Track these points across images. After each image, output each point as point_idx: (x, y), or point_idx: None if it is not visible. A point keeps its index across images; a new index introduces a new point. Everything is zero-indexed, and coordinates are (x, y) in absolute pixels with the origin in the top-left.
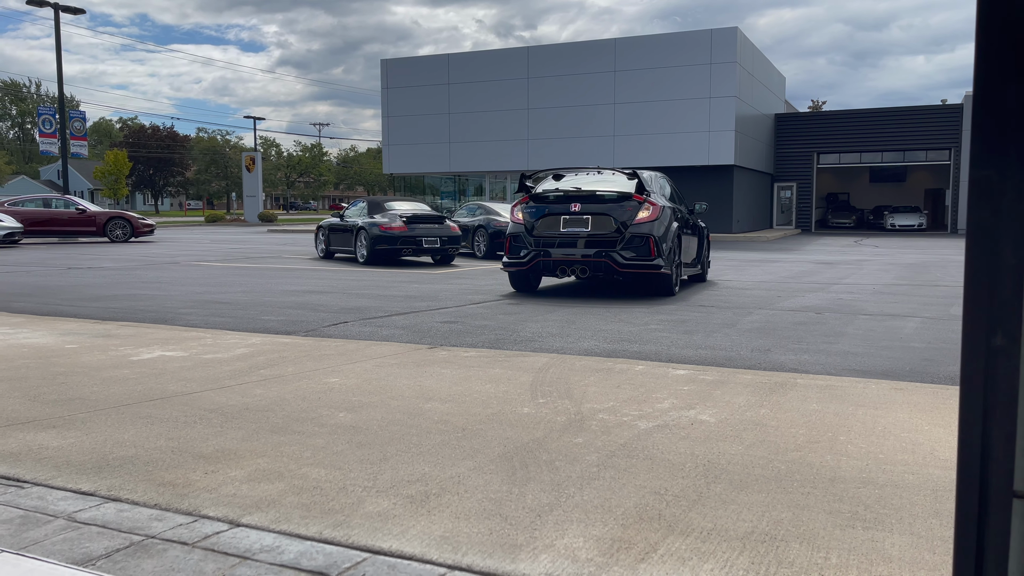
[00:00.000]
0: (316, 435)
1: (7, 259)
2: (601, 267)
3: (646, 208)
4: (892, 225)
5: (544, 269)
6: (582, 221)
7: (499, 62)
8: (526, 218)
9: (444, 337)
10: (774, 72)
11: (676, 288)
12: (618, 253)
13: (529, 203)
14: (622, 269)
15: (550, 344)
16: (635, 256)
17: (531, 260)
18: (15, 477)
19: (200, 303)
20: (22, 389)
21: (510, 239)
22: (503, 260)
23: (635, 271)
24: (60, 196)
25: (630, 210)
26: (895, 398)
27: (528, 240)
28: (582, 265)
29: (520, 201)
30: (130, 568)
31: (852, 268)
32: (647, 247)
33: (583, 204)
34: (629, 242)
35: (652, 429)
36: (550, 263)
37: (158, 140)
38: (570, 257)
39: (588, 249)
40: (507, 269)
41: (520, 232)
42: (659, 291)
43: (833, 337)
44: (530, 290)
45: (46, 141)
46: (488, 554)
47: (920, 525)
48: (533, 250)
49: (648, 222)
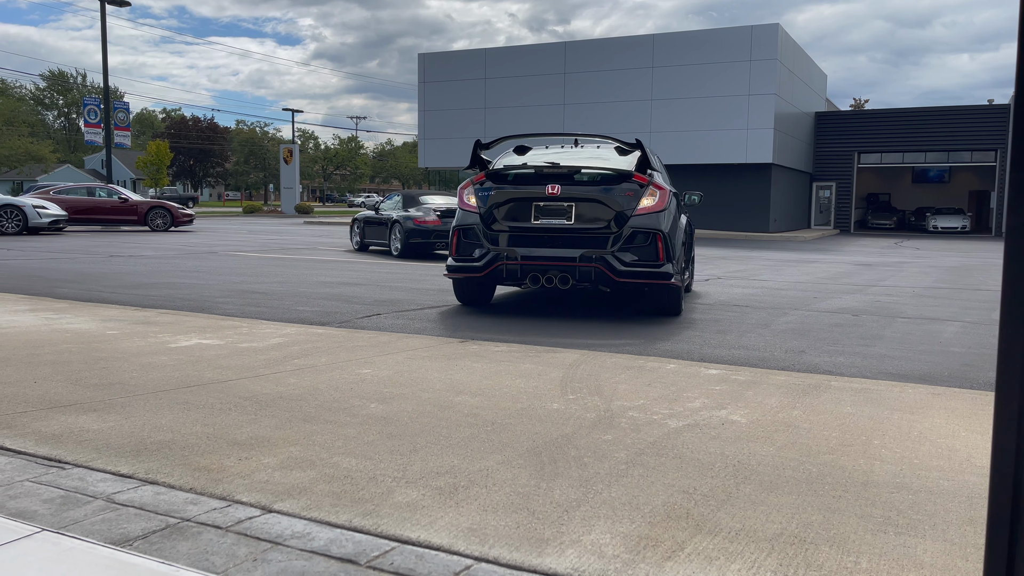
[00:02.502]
0: (348, 425)
1: (52, 246)
2: (590, 275)
3: (651, 193)
4: (934, 227)
5: (508, 277)
6: (562, 210)
7: (536, 57)
8: (482, 204)
9: (476, 331)
10: (815, 70)
11: (682, 305)
12: (614, 255)
13: (486, 183)
14: (620, 279)
15: (581, 340)
16: (638, 260)
17: (489, 264)
18: (57, 458)
19: (237, 293)
20: (65, 373)
21: (458, 234)
22: (448, 262)
23: (637, 281)
24: (103, 185)
25: (629, 195)
26: (932, 403)
27: (485, 235)
28: (562, 272)
29: (473, 181)
30: (166, 550)
31: (891, 270)
32: (654, 248)
33: (564, 186)
34: (629, 240)
35: (682, 428)
36: (516, 268)
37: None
38: (546, 260)
39: (571, 249)
40: (452, 275)
41: (473, 224)
42: (664, 308)
43: (870, 340)
44: (484, 303)
45: (91, 131)
46: (515, 547)
47: (954, 532)
48: (491, 249)
49: (654, 213)
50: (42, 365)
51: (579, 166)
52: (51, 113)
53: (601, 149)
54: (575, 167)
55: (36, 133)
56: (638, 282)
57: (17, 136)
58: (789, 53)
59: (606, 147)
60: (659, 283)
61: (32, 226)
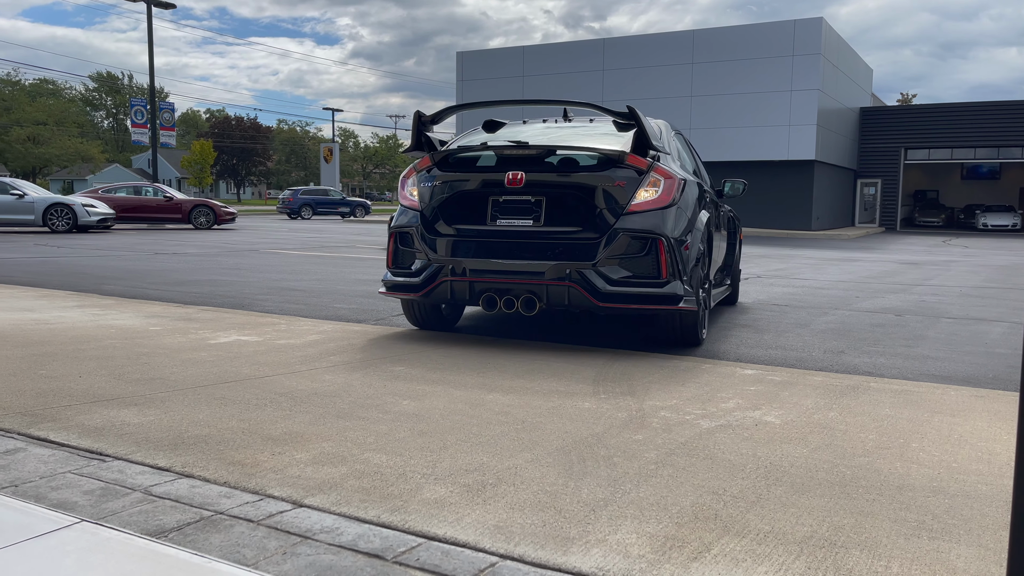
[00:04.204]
0: (380, 421)
1: (100, 243)
2: (563, 296)
3: (652, 183)
4: (984, 225)
5: (455, 297)
6: (528, 206)
7: (574, 54)
8: (424, 199)
9: (509, 328)
10: (860, 64)
11: (704, 332)
12: (596, 270)
13: (432, 171)
14: (604, 303)
15: (614, 339)
16: (631, 277)
17: (429, 280)
18: (98, 451)
19: (276, 290)
20: (108, 368)
21: (394, 239)
22: (384, 276)
23: (630, 307)
24: (149, 184)
25: (620, 186)
26: (974, 405)
27: (424, 240)
28: (527, 292)
29: (416, 167)
30: (199, 542)
31: (938, 269)
32: (653, 259)
33: (530, 173)
34: (619, 248)
35: (715, 428)
36: (465, 287)
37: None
38: (503, 277)
39: (539, 261)
40: (390, 293)
41: (412, 226)
42: (673, 338)
43: (912, 340)
44: (447, 327)
45: (138, 131)
46: (540, 545)
47: (989, 537)
48: (433, 260)
49: (655, 210)
50: (87, 360)
51: (553, 146)
52: (100, 113)
53: (596, 124)
54: (547, 147)
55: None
56: (631, 308)
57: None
58: (833, 48)
59: (602, 121)
60: (661, 308)
61: (81, 224)
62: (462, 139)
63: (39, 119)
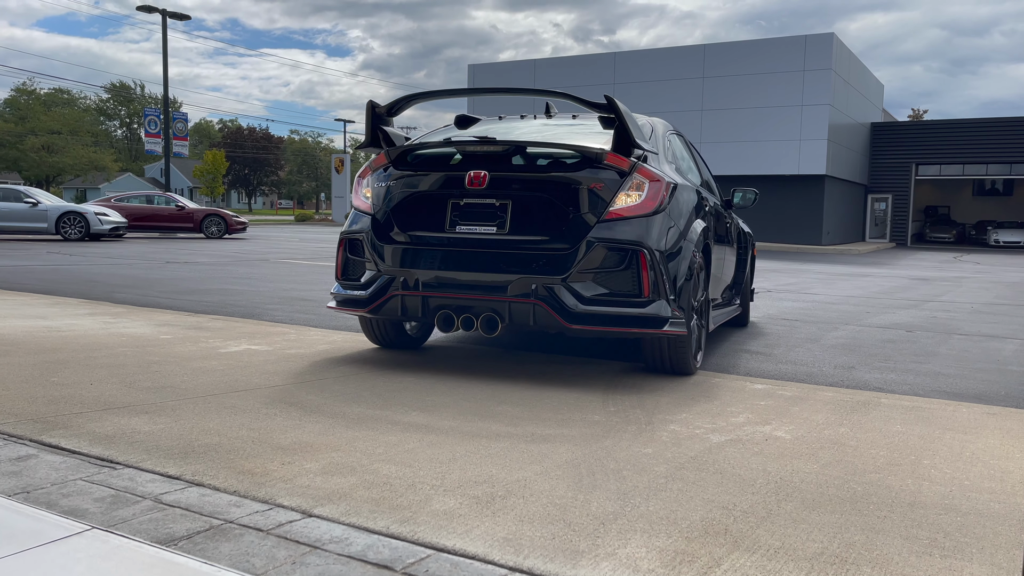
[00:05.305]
0: (389, 432)
1: (112, 252)
2: (528, 315)
3: (635, 186)
4: (996, 241)
5: (406, 313)
6: (492, 211)
7: (584, 67)
8: (379, 202)
9: (519, 340)
10: (871, 79)
11: (698, 359)
12: (567, 286)
13: (389, 171)
14: (573, 324)
15: (624, 352)
16: (606, 295)
17: (378, 294)
18: (109, 458)
19: (286, 300)
20: (119, 376)
21: (343, 247)
22: (334, 288)
23: (604, 329)
24: (161, 193)
25: (598, 189)
26: (986, 423)
27: (374, 248)
28: (489, 310)
29: (372, 166)
30: (209, 550)
31: (949, 285)
32: (633, 274)
33: (495, 173)
34: (593, 260)
35: (724, 443)
36: (419, 302)
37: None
38: (461, 293)
39: (502, 274)
40: (340, 308)
41: (363, 233)
42: (659, 365)
43: (923, 356)
44: (404, 344)
45: (151, 141)
46: (549, 558)
47: (1002, 556)
48: (383, 271)
49: (637, 218)
50: (98, 368)
51: (522, 142)
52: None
53: (579, 120)
54: (515, 143)
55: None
56: (606, 331)
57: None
58: (844, 63)
59: (587, 118)
60: (642, 332)
61: (94, 232)
62: (427, 135)
63: (54, 128)
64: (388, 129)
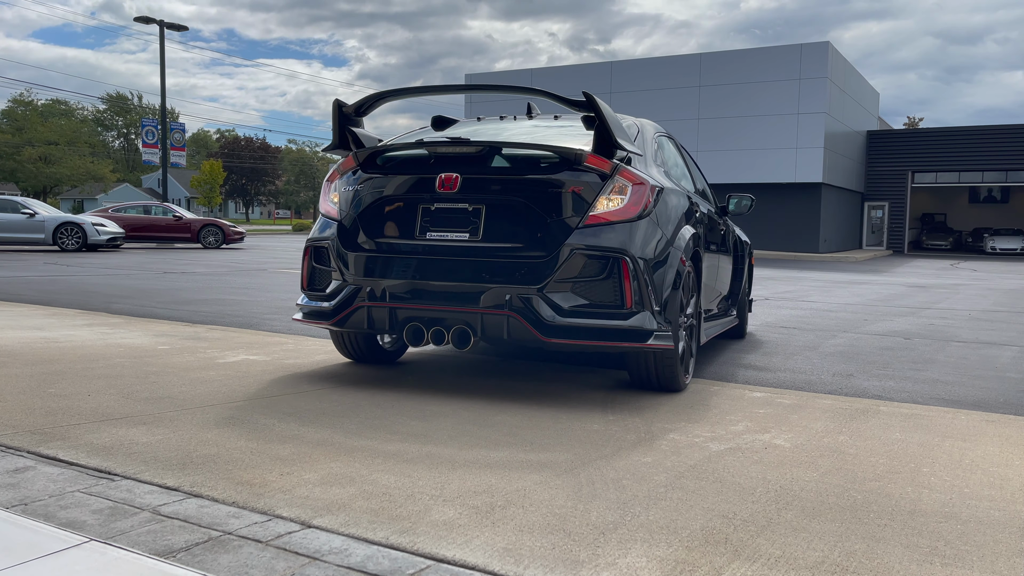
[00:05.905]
0: (389, 442)
1: (110, 262)
2: (501, 328)
3: (617, 189)
4: (992, 248)
5: (372, 325)
6: (465, 216)
7: (581, 77)
8: (346, 207)
9: (516, 349)
10: (867, 88)
11: (688, 376)
12: (543, 296)
13: (357, 174)
14: (550, 338)
15: (623, 361)
16: (586, 306)
17: (343, 305)
18: (107, 470)
19: (284, 309)
20: (117, 387)
21: (308, 255)
22: (300, 299)
23: (583, 343)
24: (159, 204)
25: (576, 192)
26: (985, 430)
27: (339, 257)
28: (461, 322)
29: (340, 170)
30: (207, 562)
31: (946, 292)
32: (615, 284)
33: (468, 176)
34: (572, 269)
35: (724, 451)
36: (386, 314)
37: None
38: (430, 304)
39: (475, 283)
40: (306, 320)
41: (329, 240)
42: (646, 383)
43: (922, 364)
44: (379, 358)
45: (148, 151)
46: (549, 568)
47: (1003, 564)
48: (349, 281)
49: (619, 223)
50: (96, 378)
51: (497, 143)
52: (111, 134)
53: (561, 121)
54: (489, 144)
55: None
56: (586, 344)
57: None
58: (840, 71)
59: (570, 119)
60: (625, 346)
61: (91, 243)
62: (401, 137)
63: (50, 139)
64: (357, 130)
